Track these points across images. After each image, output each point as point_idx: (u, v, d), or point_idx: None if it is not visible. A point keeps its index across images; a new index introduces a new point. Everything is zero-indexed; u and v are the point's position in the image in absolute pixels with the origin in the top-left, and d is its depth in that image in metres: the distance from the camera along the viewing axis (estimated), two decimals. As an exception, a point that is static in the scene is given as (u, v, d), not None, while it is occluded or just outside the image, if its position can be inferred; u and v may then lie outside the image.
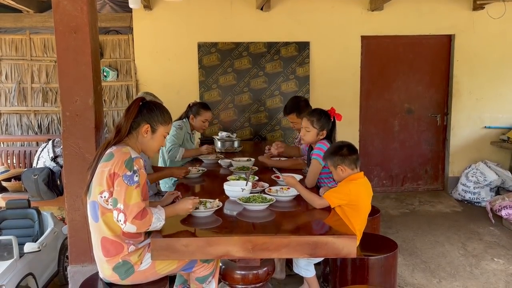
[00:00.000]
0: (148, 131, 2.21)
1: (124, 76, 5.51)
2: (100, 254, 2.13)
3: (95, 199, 2.10)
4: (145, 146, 2.25)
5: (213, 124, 5.48)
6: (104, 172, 2.06)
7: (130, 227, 2.00)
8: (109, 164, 2.06)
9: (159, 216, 2.06)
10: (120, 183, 2.01)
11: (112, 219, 2.07)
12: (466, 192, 5.49)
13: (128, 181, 2.01)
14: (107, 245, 2.10)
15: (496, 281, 3.47)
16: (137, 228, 2.01)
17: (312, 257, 2.36)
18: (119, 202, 2.00)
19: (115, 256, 2.10)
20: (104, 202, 2.08)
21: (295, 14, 5.46)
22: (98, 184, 2.08)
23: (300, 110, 3.68)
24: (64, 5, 2.70)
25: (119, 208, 2.00)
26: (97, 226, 2.12)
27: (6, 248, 2.96)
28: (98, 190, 2.08)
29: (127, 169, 2.03)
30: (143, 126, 2.20)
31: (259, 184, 2.80)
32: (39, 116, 5.47)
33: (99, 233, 2.12)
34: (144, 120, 2.20)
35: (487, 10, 5.45)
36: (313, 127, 3.00)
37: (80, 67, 2.76)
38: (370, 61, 5.72)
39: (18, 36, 5.45)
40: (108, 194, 2.06)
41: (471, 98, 5.75)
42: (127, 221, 1.98)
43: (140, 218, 1.99)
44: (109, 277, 2.15)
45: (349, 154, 2.58)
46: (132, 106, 2.22)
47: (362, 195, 2.56)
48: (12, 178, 4.63)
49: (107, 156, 2.10)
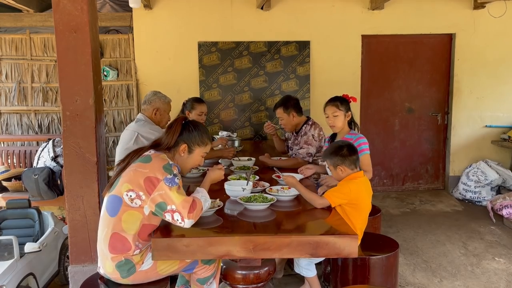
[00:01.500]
0: (185, 151, 2.28)
1: (125, 76, 5.50)
2: (105, 249, 2.12)
3: (120, 195, 2.10)
4: (181, 164, 2.29)
5: (214, 123, 5.48)
6: (139, 173, 2.08)
7: (189, 222, 2.05)
8: (146, 167, 2.10)
9: (204, 196, 2.17)
10: (162, 186, 2.05)
11: (133, 217, 2.09)
12: (467, 191, 5.48)
13: (170, 183, 2.06)
14: (116, 241, 2.10)
15: (497, 281, 3.47)
16: (194, 220, 2.07)
17: (313, 257, 2.36)
18: (168, 205, 2.04)
19: (120, 254, 2.10)
20: (129, 200, 2.09)
21: (296, 13, 5.45)
22: (127, 181, 2.09)
23: (287, 105, 3.75)
24: (64, 4, 2.70)
25: (172, 209, 2.04)
26: (111, 220, 2.11)
27: (7, 248, 2.96)
28: (126, 187, 2.08)
29: (167, 173, 2.08)
30: (181, 145, 2.26)
31: (259, 183, 2.80)
32: (39, 115, 5.46)
33: (111, 228, 2.10)
34: (182, 140, 2.27)
35: (487, 9, 5.44)
36: (339, 109, 3.11)
37: (80, 67, 2.76)
38: (371, 60, 5.71)
39: (18, 36, 5.44)
40: (135, 195, 2.07)
41: (471, 97, 5.74)
42: (184, 218, 2.03)
43: (193, 210, 2.05)
44: (110, 274, 2.15)
45: (349, 155, 2.58)
46: (175, 124, 2.28)
47: (362, 194, 2.55)
48: (13, 178, 4.63)
49: (144, 158, 2.15)
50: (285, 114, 3.75)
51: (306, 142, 3.61)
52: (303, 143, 3.64)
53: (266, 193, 2.61)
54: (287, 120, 3.77)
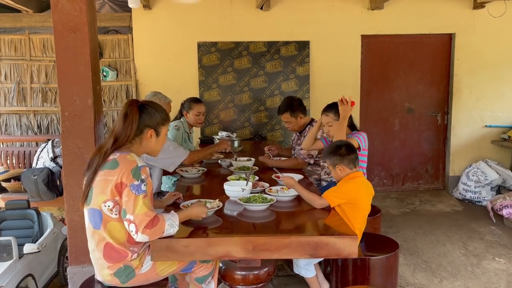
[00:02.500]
0: (153, 135, 2.15)
1: (124, 76, 5.50)
2: (101, 259, 2.07)
3: (97, 207, 2.02)
4: (150, 149, 2.20)
5: (213, 124, 5.47)
6: (108, 181, 1.98)
7: (142, 237, 1.94)
8: (115, 173, 1.97)
9: (172, 222, 2.00)
10: (128, 193, 1.95)
11: (116, 228, 2.02)
12: (467, 191, 5.48)
13: (136, 190, 1.95)
14: (111, 251, 2.04)
15: (497, 281, 3.46)
16: (149, 237, 1.95)
17: (313, 257, 2.35)
18: (128, 213, 1.95)
19: (117, 262, 2.06)
20: (108, 211, 2.00)
21: (295, 13, 5.45)
22: (101, 193, 2.00)
23: (294, 109, 3.71)
24: (63, 4, 2.69)
25: (129, 219, 1.95)
26: (98, 233, 2.05)
27: (6, 249, 2.95)
28: (102, 199, 2.00)
29: (135, 179, 1.96)
30: (147, 131, 2.12)
31: (259, 184, 2.79)
32: (38, 116, 5.46)
33: (101, 240, 2.05)
34: (146, 125, 2.12)
35: (487, 8, 5.43)
36: (334, 119, 3.08)
37: (79, 67, 2.75)
38: (370, 60, 5.70)
39: (17, 36, 5.43)
40: (113, 203, 1.99)
41: (471, 97, 5.73)
42: (138, 231, 1.93)
43: (151, 227, 1.93)
44: (108, 281, 2.11)
45: (348, 154, 2.58)
46: (129, 112, 2.08)
47: (361, 194, 2.55)
48: (12, 179, 4.62)
49: (111, 164, 2.01)
50: (292, 118, 3.71)
51: None
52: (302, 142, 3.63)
53: (266, 193, 2.60)
54: (295, 123, 3.74)
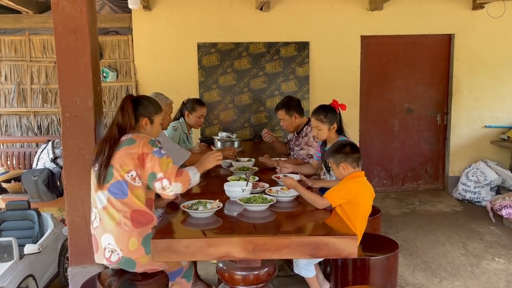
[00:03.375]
0: (148, 123, 2.39)
1: (124, 77, 5.50)
2: (128, 228, 2.18)
3: (121, 179, 2.20)
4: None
5: (213, 124, 5.48)
6: (130, 154, 2.20)
7: (176, 186, 2.18)
8: (134, 147, 2.21)
9: (193, 170, 2.31)
10: (152, 158, 2.18)
11: (139, 194, 2.22)
12: (467, 192, 5.49)
13: (158, 154, 2.20)
14: (139, 216, 2.21)
15: (497, 281, 3.47)
16: (181, 184, 2.20)
17: (313, 257, 2.36)
18: (157, 173, 2.17)
19: (146, 226, 2.21)
20: (132, 180, 2.21)
21: (295, 14, 5.46)
22: (123, 165, 2.20)
23: (290, 107, 3.73)
24: (63, 6, 2.70)
25: (161, 177, 2.17)
26: (125, 202, 2.21)
27: (6, 250, 2.96)
28: (125, 170, 2.20)
29: (154, 147, 2.22)
30: (142, 120, 2.37)
31: (259, 184, 2.79)
32: (38, 117, 5.46)
33: (128, 208, 2.20)
34: (141, 115, 2.37)
35: (486, 9, 5.44)
36: (323, 123, 3.03)
37: (79, 68, 2.76)
38: (370, 61, 5.71)
39: (17, 37, 5.44)
40: (135, 173, 2.20)
41: (471, 97, 5.74)
42: (172, 182, 2.17)
43: (180, 175, 2.21)
44: (132, 253, 2.17)
45: (352, 153, 2.59)
46: (125, 104, 2.34)
47: (362, 194, 2.55)
48: (12, 180, 4.63)
49: (127, 141, 2.25)
50: (287, 116, 3.74)
51: (307, 144, 3.61)
52: (304, 144, 3.64)
53: (266, 194, 2.61)
54: (289, 122, 3.76)
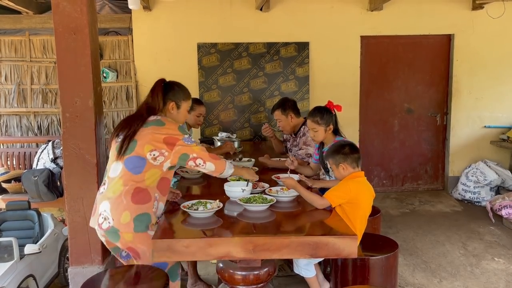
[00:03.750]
0: (174, 108, 2.48)
1: (124, 77, 5.51)
2: (126, 201, 2.24)
3: (143, 155, 2.28)
4: (172, 120, 2.46)
5: (213, 124, 5.48)
6: (157, 134, 2.29)
7: (210, 165, 2.36)
8: (163, 129, 2.30)
9: (231, 165, 2.47)
10: (181, 143, 2.30)
11: (154, 173, 2.29)
12: (466, 192, 5.49)
13: (188, 141, 2.33)
14: (140, 194, 2.27)
15: (496, 281, 3.47)
16: (215, 166, 2.37)
17: (313, 257, 2.36)
18: (190, 154, 2.32)
19: (143, 205, 2.25)
20: (152, 159, 2.29)
21: (295, 14, 5.46)
22: (147, 143, 2.28)
23: (285, 107, 3.77)
24: (63, 6, 2.70)
25: (193, 157, 2.32)
26: (136, 177, 2.28)
27: (7, 250, 2.96)
28: (148, 148, 2.28)
29: (184, 133, 2.34)
30: (169, 104, 2.46)
31: (259, 184, 2.79)
32: (38, 117, 5.47)
33: (135, 183, 2.27)
34: (169, 99, 2.46)
35: (486, 9, 5.45)
36: (319, 125, 3.04)
37: (79, 68, 2.76)
38: (370, 61, 5.72)
39: (17, 38, 5.44)
40: (158, 153, 2.28)
41: (470, 97, 5.75)
42: (206, 161, 2.34)
43: (217, 159, 2.38)
44: (121, 225, 2.22)
45: (351, 153, 2.60)
46: (156, 87, 2.47)
47: (362, 194, 2.56)
48: (12, 180, 4.63)
49: (156, 122, 2.34)
50: (283, 116, 3.78)
51: (305, 143, 3.62)
52: (302, 144, 3.65)
53: (266, 194, 2.61)
54: (286, 122, 3.78)
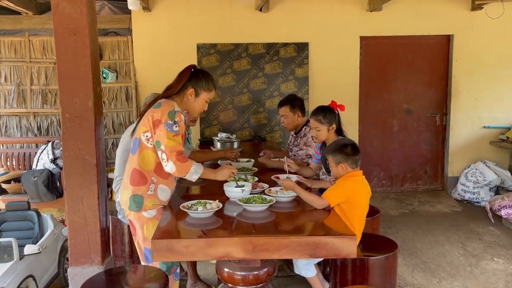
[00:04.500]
0: (192, 94, 2.54)
1: (123, 78, 5.51)
2: (127, 181, 2.45)
3: (138, 136, 2.43)
4: (188, 106, 2.57)
5: (213, 125, 5.49)
6: (151, 116, 2.39)
7: (171, 166, 2.33)
8: (156, 111, 2.39)
9: (197, 169, 2.41)
10: (161, 128, 2.34)
11: (148, 156, 2.41)
12: (466, 192, 5.50)
13: (168, 128, 2.34)
14: (136, 174, 2.42)
15: (496, 281, 3.48)
16: (176, 168, 2.33)
17: (313, 257, 2.36)
18: (161, 144, 2.34)
19: (137, 187, 2.40)
20: (145, 140, 2.40)
21: (294, 15, 5.47)
22: (143, 125, 2.42)
23: (294, 104, 3.73)
24: (63, 7, 2.70)
25: (162, 149, 2.34)
26: (133, 157, 2.45)
27: (6, 250, 2.96)
28: (143, 130, 2.41)
29: (169, 118, 2.35)
30: (189, 89, 2.52)
31: (259, 185, 2.80)
32: (38, 118, 5.47)
33: (133, 164, 2.44)
34: (190, 84, 2.53)
35: (485, 10, 5.46)
36: (322, 124, 3.04)
37: (79, 69, 2.76)
38: (369, 62, 5.73)
39: (17, 38, 5.45)
40: (150, 134, 2.39)
41: (470, 98, 5.76)
42: (169, 159, 2.32)
43: (181, 161, 2.33)
44: (123, 202, 2.46)
45: (353, 154, 2.59)
46: (184, 71, 2.55)
47: (360, 193, 2.56)
48: (12, 180, 4.63)
49: (156, 104, 2.44)
50: (290, 113, 3.74)
51: (306, 144, 3.62)
52: (303, 144, 3.65)
53: (265, 194, 2.61)
54: (291, 119, 3.75)
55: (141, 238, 2.46)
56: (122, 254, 3.20)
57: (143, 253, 2.48)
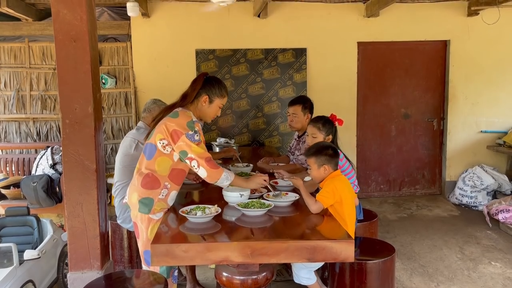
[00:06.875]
0: (206, 101, 2.59)
1: (123, 83, 5.54)
2: (138, 184, 2.47)
3: (154, 143, 2.46)
4: (202, 113, 2.62)
5: (211, 130, 5.51)
6: (168, 126, 2.43)
7: (203, 171, 2.40)
8: (174, 121, 2.43)
9: (228, 176, 2.46)
10: (183, 139, 2.39)
11: (164, 161, 2.45)
12: (463, 196, 5.52)
13: (190, 138, 2.40)
14: (149, 180, 2.45)
15: (493, 285, 3.49)
16: (207, 174, 2.40)
17: (311, 261, 2.37)
18: (188, 153, 2.39)
19: (150, 190, 2.43)
20: (162, 148, 2.45)
21: (292, 21, 5.51)
22: (159, 132, 2.45)
23: (306, 105, 3.72)
24: (64, 14, 2.73)
25: (190, 157, 2.40)
26: (148, 163, 2.47)
27: (6, 256, 2.97)
28: (159, 137, 2.44)
29: (189, 129, 2.41)
30: (203, 96, 2.57)
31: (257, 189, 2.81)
32: (37, 123, 5.49)
33: (147, 169, 2.46)
34: (204, 91, 2.58)
35: (481, 16, 5.51)
36: (320, 132, 3.09)
37: (79, 75, 2.78)
38: (367, 67, 5.77)
39: (16, 44, 5.48)
40: (167, 142, 2.43)
41: (467, 102, 5.80)
42: (200, 165, 2.38)
43: (212, 167, 2.40)
44: (131, 204, 2.50)
45: (335, 156, 2.67)
46: (197, 79, 2.61)
47: (347, 190, 2.63)
48: (11, 186, 4.64)
49: (173, 114, 2.48)
50: (301, 113, 3.71)
51: None
52: (304, 149, 3.67)
53: (264, 199, 2.63)
54: (300, 119, 3.73)
55: (144, 240, 2.48)
56: (121, 259, 3.22)
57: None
